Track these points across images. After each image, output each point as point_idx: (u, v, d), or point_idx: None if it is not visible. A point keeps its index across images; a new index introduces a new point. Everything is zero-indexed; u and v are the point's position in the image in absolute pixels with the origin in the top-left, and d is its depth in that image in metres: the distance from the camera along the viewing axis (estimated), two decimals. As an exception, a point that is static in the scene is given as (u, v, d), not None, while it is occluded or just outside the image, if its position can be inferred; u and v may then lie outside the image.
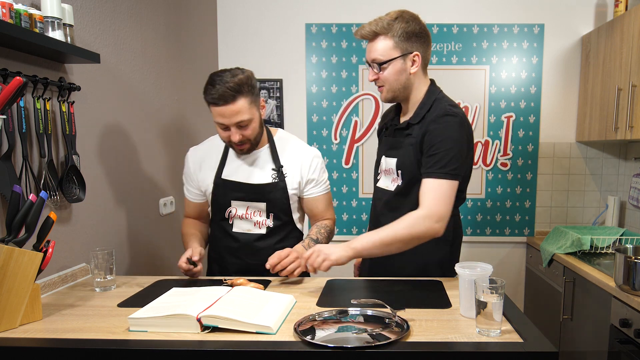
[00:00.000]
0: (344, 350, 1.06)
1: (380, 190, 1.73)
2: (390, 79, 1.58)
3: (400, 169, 1.62)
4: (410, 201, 1.60)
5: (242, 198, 1.71)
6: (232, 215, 1.74)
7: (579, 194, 3.07)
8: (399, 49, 1.55)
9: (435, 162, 1.50)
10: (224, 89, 1.52)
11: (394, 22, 1.54)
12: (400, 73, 1.57)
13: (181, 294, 1.35)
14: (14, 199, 1.22)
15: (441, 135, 1.51)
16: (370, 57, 1.59)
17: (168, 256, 2.37)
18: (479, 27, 2.96)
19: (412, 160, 1.58)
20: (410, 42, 1.55)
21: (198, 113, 2.74)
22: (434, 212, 1.47)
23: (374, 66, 1.59)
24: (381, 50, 1.55)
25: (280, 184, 1.71)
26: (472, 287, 1.20)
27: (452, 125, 1.52)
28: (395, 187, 1.65)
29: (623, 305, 1.89)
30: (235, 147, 1.64)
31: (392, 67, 1.56)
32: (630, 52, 2.39)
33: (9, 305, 1.18)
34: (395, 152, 1.65)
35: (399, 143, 1.64)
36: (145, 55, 2.16)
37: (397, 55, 1.55)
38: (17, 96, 1.26)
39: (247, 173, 1.72)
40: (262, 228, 1.73)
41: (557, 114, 3.02)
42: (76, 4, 1.68)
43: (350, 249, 1.48)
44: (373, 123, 3.04)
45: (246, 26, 3.02)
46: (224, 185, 1.71)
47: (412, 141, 1.58)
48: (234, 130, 1.58)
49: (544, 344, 1.09)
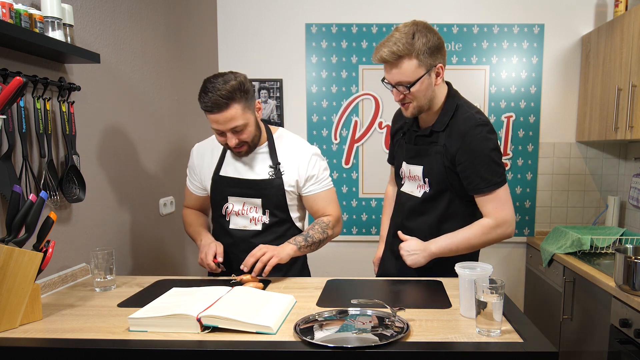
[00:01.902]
0: (344, 350, 1.06)
1: (405, 195, 1.73)
2: (419, 96, 1.55)
3: (428, 177, 1.63)
4: (437, 207, 1.64)
5: (238, 194, 1.72)
6: (229, 212, 1.75)
7: (579, 194, 3.07)
8: (424, 66, 1.51)
9: (482, 178, 1.54)
10: (216, 97, 1.51)
11: (414, 40, 1.48)
12: (428, 88, 1.55)
13: (181, 294, 1.35)
14: (14, 199, 1.22)
15: (478, 150, 1.53)
16: (394, 80, 1.54)
17: (168, 256, 2.37)
18: (479, 27, 2.95)
19: (440, 169, 1.59)
20: (433, 57, 1.52)
21: (198, 113, 2.74)
22: (501, 221, 1.56)
23: (400, 88, 1.54)
24: (407, 72, 1.50)
25: (277, 181, 1.71)
26: (472, 287, 1.20)
27: (485, 136, 1.53)
28: (422, 194, 1.66)
29: (623, 305, 1.89)
30: (233, 150, 1.65)
31: (419, 85, 1.52)
32: (630, 52, 2.39)
33: (9, 305, 1.18)
34: (420, 160, 1.65)
35: (424, 151, 1.64)
36: (145, 55, 2.16)
37: (423, 73, 1.51)
38: (17, 96, 1.26)
39: (244, 169, 1.73)
40: (258, 224, 1.74)
41: (557, 114, 3.02)
42: (76, 4, 1.68)
43: (429, 254, 1.60)
44: (373, 123, 3.04)
45: (246, 26, 3.02)
46: (220, 181, 1.73)
47: (439, 150, 1.59)
48: (230, 135, 1.59)
49: (544, 344, 1.09)
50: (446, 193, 1.62)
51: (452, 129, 1.57)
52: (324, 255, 1.93)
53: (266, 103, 3.05)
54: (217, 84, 1.53)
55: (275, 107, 3.06)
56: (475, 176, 1.54)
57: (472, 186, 1.56)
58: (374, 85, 3.00)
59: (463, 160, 1.55)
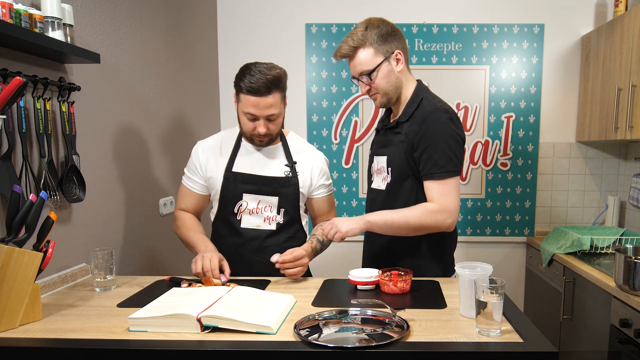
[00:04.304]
0: (344, 350, 1.06)
1: (374, 191, 1.75)
2: (382, 84, 1.61)
3: (390, 166, 1.65)
4: (401, 198, 1.64)
5: (254, 191, 1.69)
6: (242, 210, 1.70)
7: (579, 194, 3.07)
8: (381, 53, 1.59)
9: (434, 163, 1.54)
10: (264, 80, 1.54)
11: (366, 31, 1.58)
12: (389, 75, 1.61)
13: (181, 294, 1.35)
14: (14, 199, 1.22)
15: (434, 133, 1.54)
16: (356, 72, 1.63)
17: (168, 256, 2.37)
18: (479, 27, 2.95)
19: (401, 157, 1.61)
20: (388, 44, 1.59)
21: (198, 113, 2.74)
22: (444, 208, 1.54)
23: (363, 78, 1.62)
24: (365, 61, 1.59)
25: (293, 179, 1.71)
26: (472, 287, 1.20)
27: (444, 121, 1.55)
28: (385, 186, 1.68)
29: (623, 305, 1.89)
30: (256, 139, 1.65)
31: (380, 73, 1.60)
32: (630, 52, 2.39)
33: (9, 305, 1.18)
34: (385, 150, 1.69)
35: (389, 141, 1.68)
36: (145, 55, 2.16)
37: (381, 60, 1.59)
38: (17, 96, 1.26)
39: (259, 166, 1.71)
40: (272, 224, 1.71)
41: (557, 114, 3.02)
42: (76, 4, 1.68)
43: (363, 221, 1.57)
44: (373, 123, 3.04)
45: (246, 26, 3.02)
46: (234, 178, 1.68)
47: (402, 138, 1.61)
48: (263, 122, 1.60)
49: (544, 344, 1.09)
50: (407, 181, 1.62)
51: (414, 117, 1.60)
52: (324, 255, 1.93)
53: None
54: (263, 69, 1.56)
55: (275, 107, 3.05)
56: (429, 160, 1.54)
57: (425, 170, 1.56)
58: (374, 86, 3.00)
59: (420, 144, 1.56)
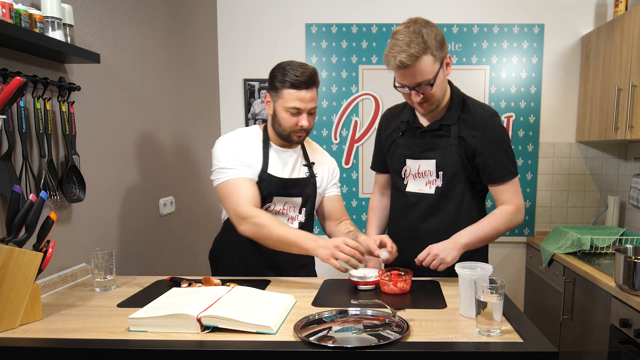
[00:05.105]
0: (344, 350, 1.06)
1: (415, 195, 1.70)
2: (437, 92, 1.54)
3: (442, 170, 1.64)
4: (452, 202, 1.65)
5: (283, 193, 1.70)
6: (270, 211, 1.70)
7: (579, 194, 3.07)
8: (438, 60, 1.51)
9: (504, 167, 1.61)
10: (308, 74, 1.59)
11: (424, 38, 1.46)
12: (444, 82, 1.58)
13: (181, 294, 1.35)
14: (14, 199, 1.22)
15: (499, 138, 1.61)
16: (414, 82, 1.50)
17: (168, 256, 2.37)
18: (479, 27, 2.96)
19: (455, 160, 1.61)
20: (443, 49, 1.52)
21: (198, 113, 2.74)
22: (519, 206, 1.64)
23: (422, 88, 1.51)
24: (427, 70, 1.48)
25: (312, 180, 1.76)
26: (472, 287, 1.20)
27: (502, 125, 1.64)
28: (434, 190, 1.66)
29: (623, 305, 1.89)
30: (295, 135, 1.65)
31: (438, 80, 1.52)
32: (630, 52, 2.39)
33: (9, 305, 1.18)
34: (433, 154, 1.65)
35: (436, 145, 1.64)
36: (145, 55, 2.16)
37: (439, 67, 1.51)
38: (17, 96, 1.26)
39: (282, 169, 1.72)
40: (294, 223, 1.75)
41: (557, 114, 3.02)
42: (76, 4, 1.68)
43: (460, 245, 1.56)
44: (373, 123, 3.04)
45: (246, 26, 3.02)
46: (269, 180, 1.67)
47: (453, 142, 1.61)
48: (305, 116, 1.62)
49: (544, 344, 1.09)
50: (460, 184, 1.64)
51: (467, 122, 1.61)
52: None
53: (266, 103, 3.05)
54: (302, 64, 1.61)
55: (275, 107, 3.05)
56: (498, 165, 1.60)
57: (494, 175, 1.61)
58: (374, 85, 3.00)
59: (485, 150, 1.59)
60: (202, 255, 2.79)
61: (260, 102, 3.05)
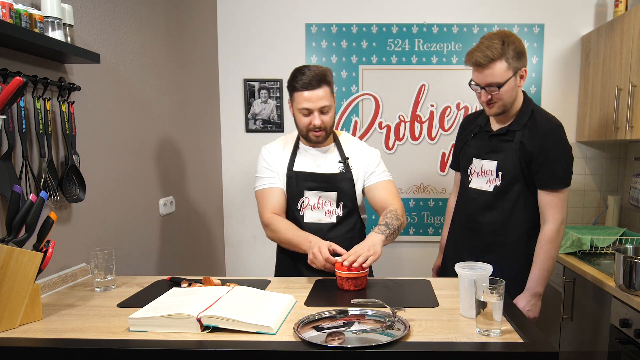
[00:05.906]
0: (344, 350, 1.06)
1: (475, 191, 1.87)
2: (505, 97, 1.72)
3: (502, 171, 1.78)
4: (508, 200, 1.79)
5: (314, 187, 1.79)
6: (304, 206, 1.80)
7: (579, 194, 3.07)
8: (512, 69, 1.69)
9: (554, 175, 1.72)
10: (313, 74, 1.68)
11: (504, 45, 1.66)
12: (513, 89, 1.73)
13: (181, 294, 1.35)
14: (14, 199, 1.22)
15: (556, 149, 1.72)
16: (485, 82, 1.71)
17: (168, 256, 2.37)
18: (479, 27, 2.95)
19: (514, 163, 1.75)
20: (520, 61, 1.70)
21: (198, 112, 2.74)
22: (560, 222, 1.74)
23: (491, 89, 1.70)
24: (498, 74, 1.68)
25: (347, 174, 1.81)
26: (472, 287, 1.20)
27: (564, 138, 1.74)
28: (493, 188, 1.81)
29: (623, 305, 1.89)
30: (312, 134, 1.74)
31: (507, 86, 1.70)
32: (630, 52, 2.39)
33: (9, 305, 1.18)
34: (495, 155, 1.81)
35: (499, 147, 1.81)
36: (145, 56, 2.16)
37: (511, 75, 1.69)
38: (17, 96, 1.26)
39: (314, 166, 1.81)
40: (332, 217, 1.81)
41: (557, 113, 2.96)
42: (76, 4, 1.68)
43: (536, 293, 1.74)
44: (373, 123, 3.04)
45: (246, 26, 3.02)
46: (296, 176, 1.79)
47: (515, 146, 1.76)
48: (317, 114, 1.70)
49: (544, 344, 1.09)
50: (516, 185, 1.77)
51: (530, 129, 1.75)
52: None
53: (266, 103, 3.05)
54: (311, 67, 1.71)
55: (275, 107, 3.05)
56: (548, 172, 1.72)
57: (543, 181, 1.73)
58: (374, 85, 2.99)
59: (541, 157, 1.71)
60: (202, 255, 2.79)
61: (261, 102, 3.05)
